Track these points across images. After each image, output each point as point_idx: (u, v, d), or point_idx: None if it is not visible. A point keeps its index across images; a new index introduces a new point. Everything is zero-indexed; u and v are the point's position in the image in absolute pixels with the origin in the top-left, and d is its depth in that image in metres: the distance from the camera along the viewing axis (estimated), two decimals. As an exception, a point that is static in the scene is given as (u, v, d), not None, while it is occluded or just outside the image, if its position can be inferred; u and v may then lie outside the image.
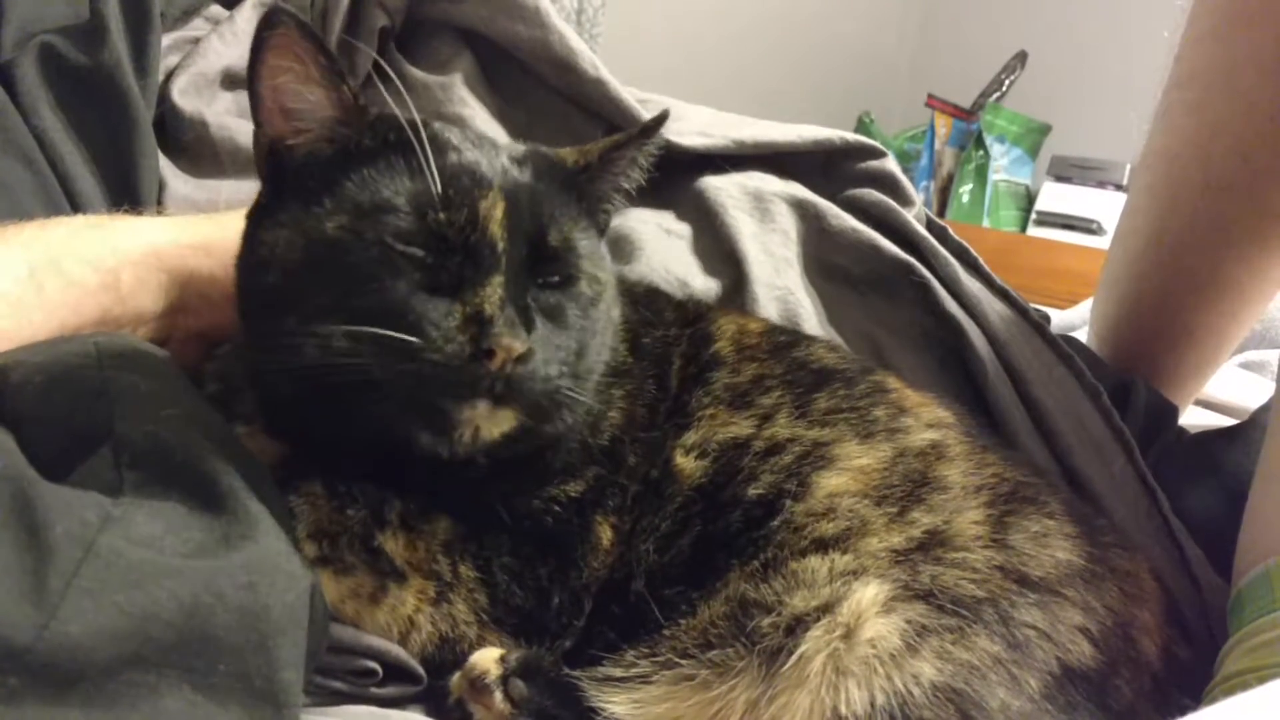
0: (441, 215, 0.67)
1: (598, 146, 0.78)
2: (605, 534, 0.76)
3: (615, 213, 0.82)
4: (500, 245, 0.68)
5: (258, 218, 0.73)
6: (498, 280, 0.67)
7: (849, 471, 0.75)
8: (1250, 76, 0.98)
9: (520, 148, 0.77)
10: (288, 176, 0.71)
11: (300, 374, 0.65)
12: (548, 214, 0.72)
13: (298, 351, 0.65)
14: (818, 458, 0.76)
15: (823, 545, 0.71)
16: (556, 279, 0.71)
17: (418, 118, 0.69)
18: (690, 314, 0.88)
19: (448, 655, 0.72)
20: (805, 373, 0.83)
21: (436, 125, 0.75)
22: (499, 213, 0.69)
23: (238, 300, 0.74)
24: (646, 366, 0.82)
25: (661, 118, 0.78)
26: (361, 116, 0.71)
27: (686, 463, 0.78)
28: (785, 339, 0.87)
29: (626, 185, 0.80)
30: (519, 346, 0.64)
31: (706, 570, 0.73)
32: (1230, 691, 0.68)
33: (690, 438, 0.79)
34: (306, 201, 0.69)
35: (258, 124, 0.72)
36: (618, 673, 0.70)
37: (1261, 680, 0.66)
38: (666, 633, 0.71)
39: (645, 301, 0.88)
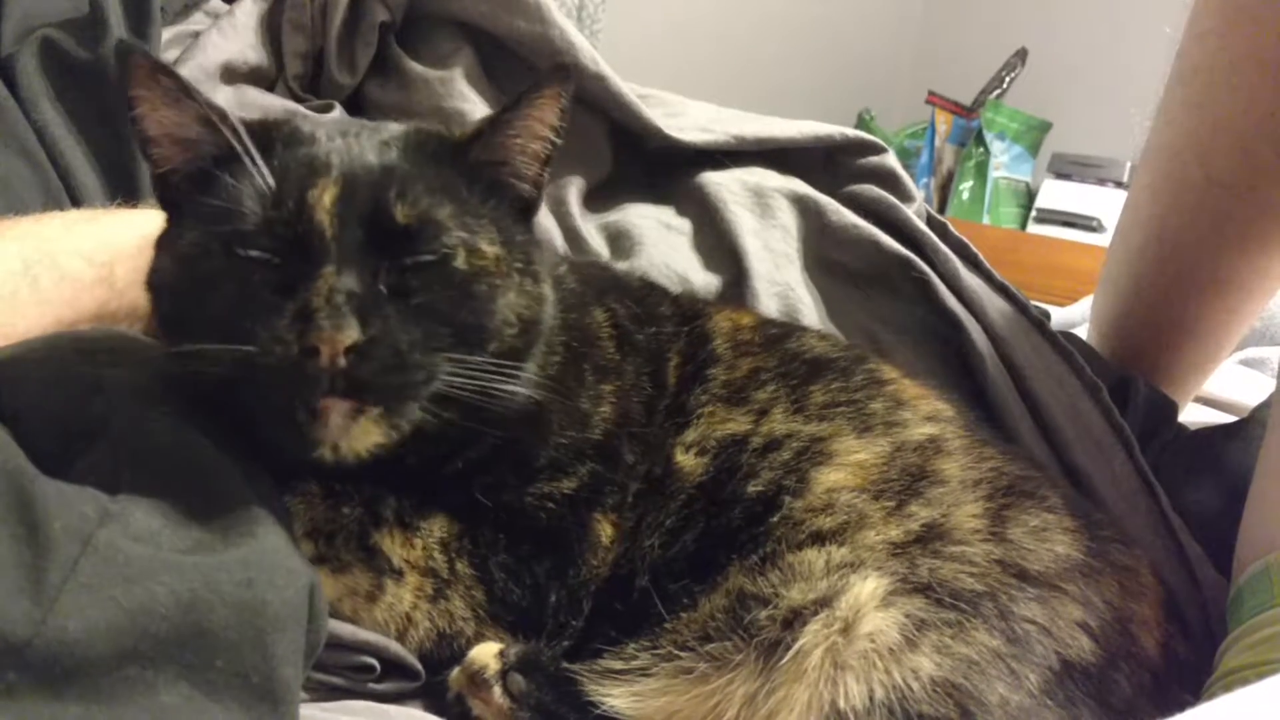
0: (273, 212, 0.64)
1: (492, 113, 0.74)
2: (605, 531, 0.76)
3: (545, 181, 0.75)
4: (329, 232, 0.63)
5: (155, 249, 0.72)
6: (327, 270, 0.62)
7: (847, 467, 0.75)
8: (1252, 73, 0.98)
9: (399, 128, 0.73)
10: (171, 202, 0.71)
11: (194, 396, 0.63)
12: (396, 191, 0.66)
13: (180, 372, 0.63)
14: (816, 453, 0.76)
15: (820, 538, 0.71)
16: (419, 258, 0.66)
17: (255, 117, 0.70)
18: (686, 311, 0.88)
19: (445, 652, 0.72)
20: (799, 364, 0.83)
21: (301, 120, 0.73)
22: (328, 199, 0.64)
23: None
24: (641, 363, 0.82)
25: (558, 68, 0.73)
26: (216, 129, 0.67)
27: (687, 460, 0.78)
28: (777, 331, 0.87)
29: (539, 148, 0.72)
30: (344, 337, 0.60)
31: (709, 565, 0.73)
32: (1230, 687, 0.68)
33: (690, 435, 0.79)
34: (177, 223, 0.69)
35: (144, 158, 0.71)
36: (617, 665, 0.70)
37: (1261, 676, 0.65)
38: (667, 625, 0.71)
39: (639, 297, 0.88)
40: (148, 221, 0.81)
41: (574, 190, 1.12)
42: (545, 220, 1.08)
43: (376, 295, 0.63)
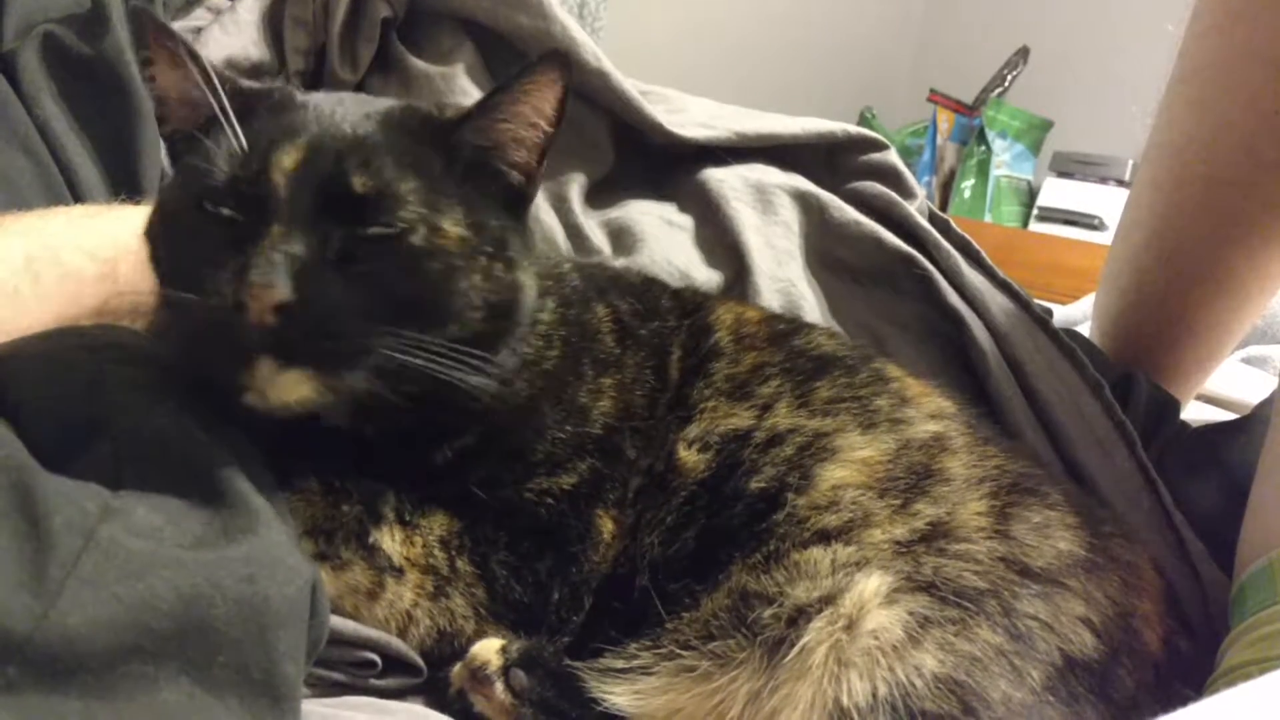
0: (239, 171, 0.65)
1: (483, 97, 0.73)
2: (606, 527, 0.75)
3: (538, 172, 0.73)
4: (283, 193, 0.64)
5: None
6: (275, 230, 0.63)
7: (852, 463, 0.75)
8: (1254, 71, 0.98)
9: (388, 103, 0.73)
10: (175, 161, 0.74)
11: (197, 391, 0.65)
12: (359, 161, 0.65)
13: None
14: (820, 449, 0.76)
15: (825, 537, 0.71)
16: (372, 230, 0.65)
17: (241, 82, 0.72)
18: (688, 304, 0.88)
19: (446, 649, 0.72)
20: (805, 360, 0.82)
21: (295, 89, 0.74)
22: (289, 161, 0.65)
23: None
24: (643, 357, 0.82)
25: (553, 54, 0.71)
26: (214, 92, 0.68)
27: (689, 456, 0.77)
28: (784, 327, 0.87)
29: (530, 136, 0.71)
30: (272, 295, 0.60)
31: (710, 564, 0.72)
32: (1232, 683, 0.68)
33: (692, 430, 0.78)
34: (170, 180, 0.72)
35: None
36: (619, 664, 0.70)
37: (1264, 671, 0.65)
38: (669, 625, 0.71)
39: (641, 292, 0.87)
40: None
41: (576, 187, 1.12)
42: (547, 217, 1.08)
43: (321, 260, 0.63)
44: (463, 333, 0.67)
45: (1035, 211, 3.27)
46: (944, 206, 3.41)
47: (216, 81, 0.67)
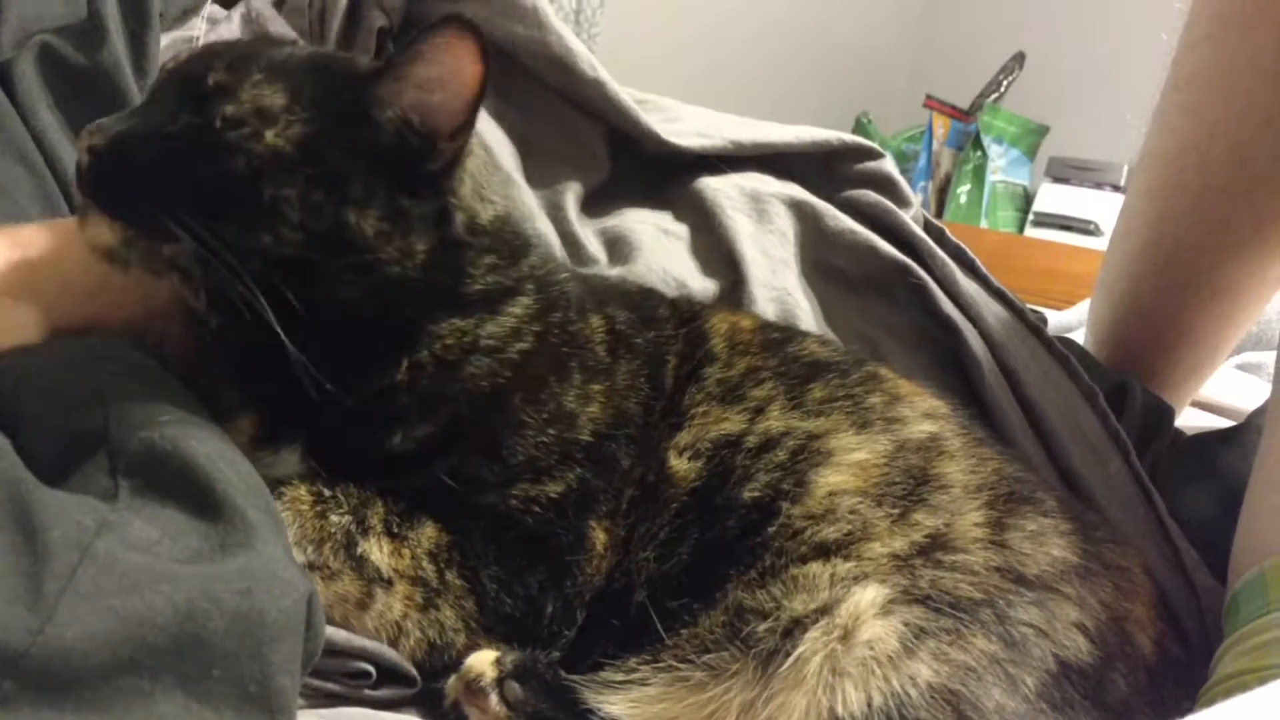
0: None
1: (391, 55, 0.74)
2: (599, 539, 0.75)
3: (445, 144, 0.72)
4: (160, 80, 0.74)
5: None
6: (142, 102, 0.74)
7: (847, 467, 0.75)
8: (1247, 79, 0.98)
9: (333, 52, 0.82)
10: None
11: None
12: (229, 65, 0.71)
13: None
14: (813, 452, 0.75)
15: (824, 550, 0.71)
16: (201, 118, 0.69)
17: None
18: (684, 313, 0.88)
19: (438, 661, 0.72)
20: (798, 365, 0.82)
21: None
22: (181, 59, 0.74)
23: None
24: (638, 366, 0.81)
25: (454, 18, 0.69)
26: None
27: (680, 464, 0.77)
28: (778, 335, 0.87)
29: (429, 100, 0.71)
30: (89, 137, 0.69)
31: (707, 581, 0.72)
32: (1228, 693, 0.69)
33: (683, 438, 0.78)
34: None
35: None
36: (617, 677, 0.70)
37: (1259, 681, 0.66)
38: (669, 642, 0.71)
39: (637, 302, 0.87)
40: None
41: (571, 195, 1.12)
42: (543, 225, 1.08)
43: (153, 131, 0.69)
44: (280, 249, 0.68)
45: (1031, 217, 3.28)
46: (940, 212, 3.41)
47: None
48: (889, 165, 1.16)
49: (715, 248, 1.07)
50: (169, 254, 0.69)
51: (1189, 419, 1.23)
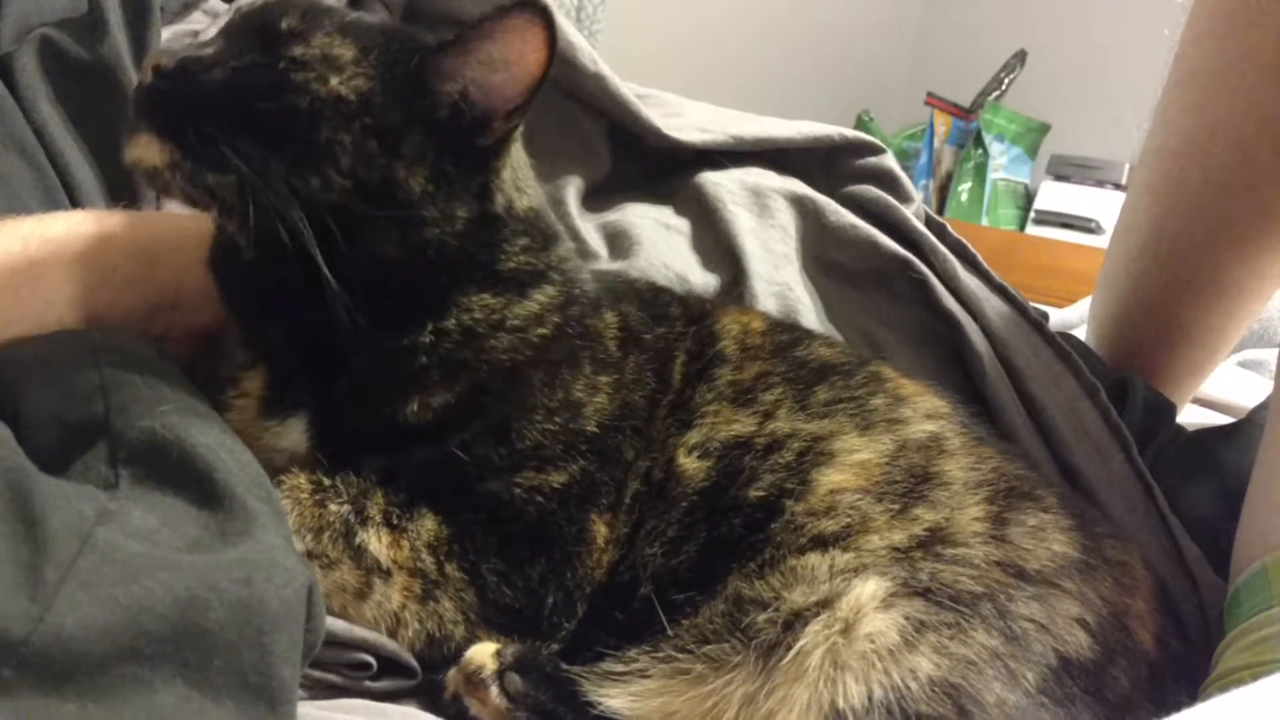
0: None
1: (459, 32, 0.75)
2: (600, 532, 0.75)
3: (502, 128, 0.74)
4: (234, 20, 0.75)
5: None
6: (213, 37, 0.74)
7: (849, 467, 0.75)
8: (1250, 75, 0.98)
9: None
10: None
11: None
12: (303, 13, 0.73)
13: None
14: (818, 453, 0.76)
15: (823, 542, 0.71)
16: (268, 60, 0.71)
17: None
18: (694, 311, 0.88)
19: (437, 652, 0.72)
20: (806, 370, 0.83)
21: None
22: (247, 6, 0.75)
23: None
24: (645, 360, 0.82)
25: (527, 2, 0.70)
26: None
27: (690, 463, 0.77)
28: (787, 338, 0.87)
29: (492, 79, 0.72)
30: (157, 57, 0.70)
31: (712, 575, 0.72)
32: (1227, 688, 0.68)
33: (693, 437, 0.78)
34: None
35: None
36: (618, 668, 0.70)
37: (1258, 676, 0.66)
38: (671, 633, 0.71)
39: (648, 299, 0.88)
40: (149, 224, 0.82)
41: (572, 190, 1.12)
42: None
43: (220, 62, 0.71)
44: (326, 194, 0.69)
45: (1032, 215, 3.28)
46: (941, 210, 3.42)
47: None
48: (890, 160, 1.16)
49: (716, 242, 1.07)
50: (214, 183, 0.69)
51: (1190, 416, 1.23)
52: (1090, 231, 3.09)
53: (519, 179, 0.79)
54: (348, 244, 0.69)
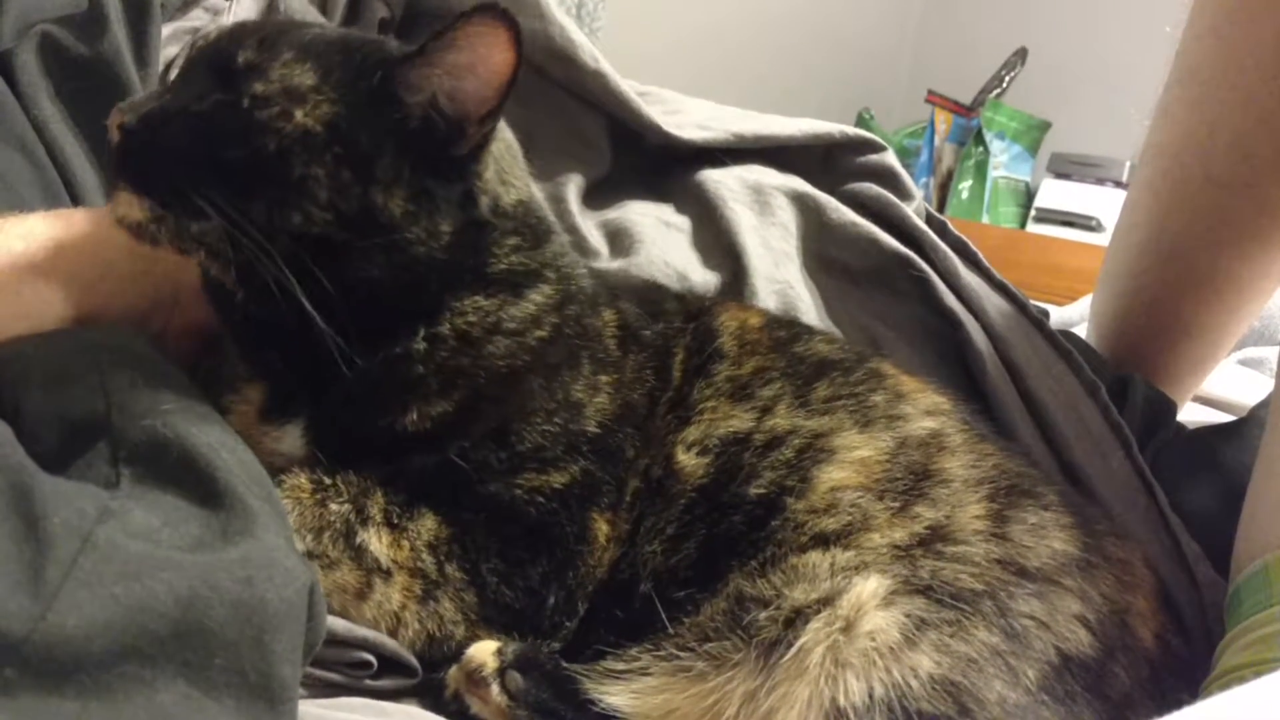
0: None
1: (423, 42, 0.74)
2: (601, 530, 0.75)
3: (477, 134, 0.73)
4: (189, 56, 0.73)
5: None
6: (172, 80, 0.73)
7: (850, 464, 0.75)
8: (1251, 73, 0.98)
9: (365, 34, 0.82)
10: None
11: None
12: (258, 43, 0.71)
13: None
14: (818, 450, 0.76)
15: (824, 540, 0.71)
16: (229, 96, 0.69)
17: None
18: (693, 308, 0.88)
19: (438, 652, 0.72)
20: (805, 365, 0.82)
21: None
22: (211, 37, 0.74)
23: None
24: (645, 358, 0.82)
25: (489, 5, 0.69)
26: None
27: (688, 460, 0.77)
28: (785, 334, 0.87)
29: (460, 87, 0.71)
30: (119, 115, 0.69)
31: (712, 572, 0.72)
32: (1227, 686, 0.68)
33: (691, 433, 0.78)
34: None
35: None
36: (619, 666, 0.70)
37: (1259, 674, 0.66)
38: (672, 631, 0.71)
39: (647, 296, 0.88)
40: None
41: (573, 188, 1.12)
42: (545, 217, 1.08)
43: (184, 109, 0.69)
44: (309, 228, 0.69)
45: (1033, 213, 3.28)
46: (942, 207, 3.42)
47: None
48: (891, 158, 1.16)
49: (717, 240, 1.07)
50: (197, 232, 0.69)
51: (1191, 413, 1.23)
52: (1091, 229, 3.10)
53: (504, 172, 0.78)
54: (335, 272, 0.69)
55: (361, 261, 0.71)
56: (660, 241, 1.06)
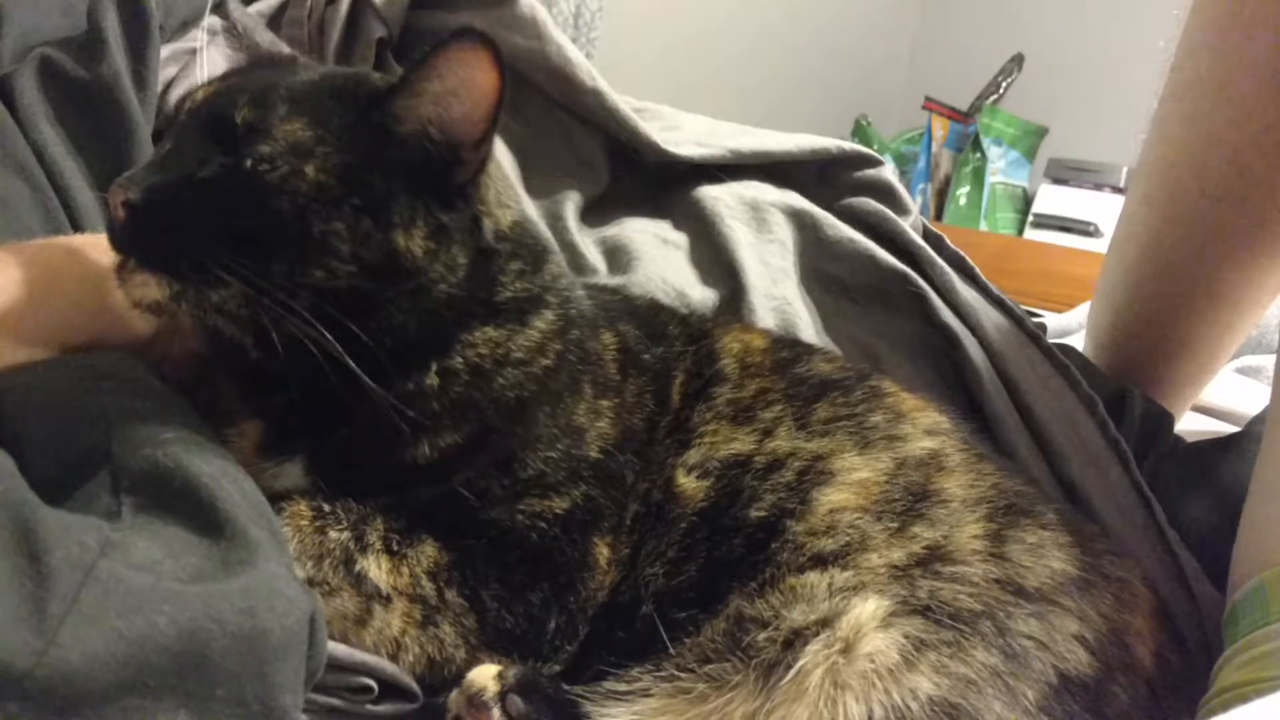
0: (180, 106, 0.74)
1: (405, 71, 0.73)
2: (602, 554, 0.75)
3: (474, 158, 0.72)
4: (181, 119, 0.71)
5: None
6: (164, 146, 0.70)
7: (849, 486, 0.75)
8: (1246, 87, 0.99)
9: (346, 70, 0.81)
10: None
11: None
12: (253, 99, 0.69)
13: None
14: (818, 472, 0.76)
15: (822, 561, 0.71)
16: (232, 159, 0.68)
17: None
18: (695, 330, 0.88)
19: (438, 676, 0.72)
20: (806, 387, 0.83)
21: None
22: (200, 95, 0.72)
23: None
24: (645, 382, 0.82)
25: (467, 30, 0.68)
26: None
27: (688, 483, 0.77)
28: (788, 355, 0.87)
29: (448, 114, 0.70)
30: (120, 192, 0.66)
31: (713, 594, 0.73)
32: (1226, 704, 0.69)
33: (692, 456, 0.78)
34: None
35: None
36: (620, 688, 0.70)
37: (1258, 693, 0.66)
38: (671, 652, 0.71)
39: (648, 318, 0.88)
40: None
41: (571, 205, 1.12)
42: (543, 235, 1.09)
43: (186, 178, 0.67)
44: (332, 282, 0.67)
45: (1030, 218, 3.27)
46: (939, 214, 3.42)
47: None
48: (888, 173, 1.16)
49: (715, 257, 1.07)
50: (218, 300, 0.67)
51: (1188, 423, 1.23)
52: (1088, 235, 3.09)
53: (500, 194, 0.78)
54: (362, 322, 0.67)
55: (390, 309, 0.70)
56: (658, 259, 1.06)
